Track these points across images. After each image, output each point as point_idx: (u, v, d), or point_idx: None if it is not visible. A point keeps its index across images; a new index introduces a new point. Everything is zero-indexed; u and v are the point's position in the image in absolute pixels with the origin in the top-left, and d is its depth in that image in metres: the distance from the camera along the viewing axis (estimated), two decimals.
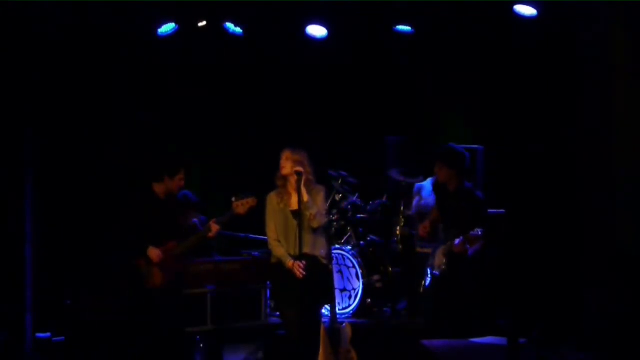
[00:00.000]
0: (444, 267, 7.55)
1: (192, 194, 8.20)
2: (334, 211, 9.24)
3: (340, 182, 9.44)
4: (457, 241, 7.33)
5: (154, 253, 7.16)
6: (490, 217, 7.63)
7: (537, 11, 8.67)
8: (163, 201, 7.32)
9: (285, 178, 6.95)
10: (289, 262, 6.87)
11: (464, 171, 7.66)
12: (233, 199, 7.24)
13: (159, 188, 7.33)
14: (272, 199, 7.05)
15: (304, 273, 6.82)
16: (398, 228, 9.32)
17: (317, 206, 6.95)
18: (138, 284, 7.23)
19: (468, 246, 7.30)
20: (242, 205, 7.21)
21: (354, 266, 8.99)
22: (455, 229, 7.49)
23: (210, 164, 10.03)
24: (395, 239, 9.34)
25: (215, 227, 7.26)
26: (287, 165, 6.94)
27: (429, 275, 7.77)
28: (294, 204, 6.92)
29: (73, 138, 9.21)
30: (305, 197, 6.87)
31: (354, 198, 9.47)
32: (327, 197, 7.77)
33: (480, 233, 7.24)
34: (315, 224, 6.92)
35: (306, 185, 6.92)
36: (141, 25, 9.22)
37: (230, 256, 8.59)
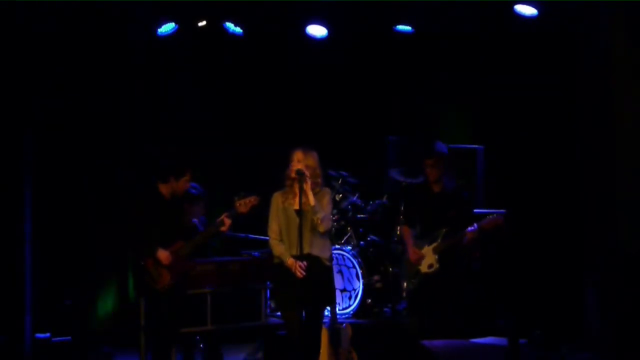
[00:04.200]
0: (436, 265, 7.57)
1: (195, 187, 8.09)
2: (334, 211, 9.23)
3: (340, 182, 9.43)
4: (470, 229, 7.36)
5: (163, 255, 7.14)
6: (475, 217, 7.64)
7: (538, 11, 8.67)
8: (169, 201, 7.31)
9: (293, 179, 6.90)
10: (289, 260, 6.85)
11: (449, 169, 7.75)
12: (235, 198, 7.24)
13: (164, 189, 7.31)
14: (277, 198, 7.02)
15: (304, 273, 6.80)
16: (398, 228, 9.31)
17: (324, 210, 6.91)
18: (146, 285, 7.21)
19: (482, 234, 7.38)
20: (244, 205, 7.22)
21: (354, 266, 8.99)
22: (444, 228, 7.53)
23: (211, 164, 10.02)
24: (395, 239, 9.33)
25: (228, 221, 7.27)
26: (298, 167, 6.88)
27: (410, 282, 7.75)
28: (298, 203, 6.88)
29: (72, 138, 9.21)
30: (312, 201, 6.81)
31: (354, 198, 9.46)
32: (332, 200, 7.75)
33: (500, 217, 7.30)
34: (321, 229, 6.87)
35: (312, 187, 6.87)
36: (141, 25, 9.22)
37: (230, 256, 8.59)
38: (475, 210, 7.83)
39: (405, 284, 7.89)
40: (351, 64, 10.23)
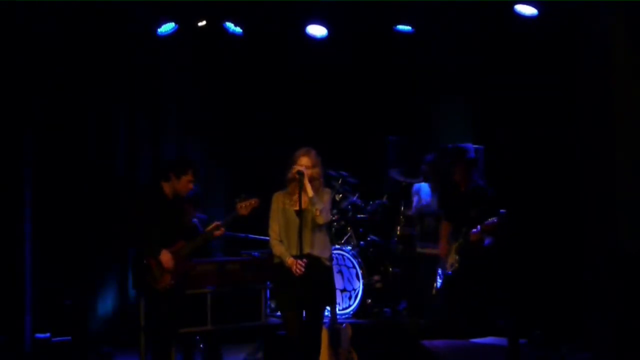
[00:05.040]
0: (456, 264, 7.63)
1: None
2: (334, 211, 9.23)
3: (340, 182, 9.44)
4: (474, 230, 7.44)
5: (166, 257, 7.12)
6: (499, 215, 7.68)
7: (538, 11, 8.67)
8: (170, 201, 7.30)
9: (295, 180, 6.89)
10: (289, 260, 6.85)
11: (475, 169, 7.81)
12: (236, 200, 7.25)
13: (167, 188, 7.31)
14: (278, 198, 7.01)
15: (303, 270, 6.78)
16: (398, 228, 9.32)
17: (323, 202, 6.92)
18: (146, 284, 7.21)
19: (485, 235, 7.48)
20: (245, 207, 7.22)
21: (354, 266, 8.99)
22: (467, 228, 7.59)
23: (211, 164, 10.03)
24: (395, 239, 9.34)
25: (218, 233, 7.30)
26: (299, 169, 6.87)
27: (441, 276, 7.83)
28: (298, 204, 6.87)
29: (72, 138, 9.21)
30: (311, 193, 6.82)
31: (354, 198, 9.47)
32: (332, 200, 7.77)
33: (496, 221, 7.38)
34: (321, 220, 6.86)
35: (313, 184, 6.86)
36: (141, 25, 9.22)
37: (230, 256, 8.59)
38: None
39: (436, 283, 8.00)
40: (351, 64, 10.23)
